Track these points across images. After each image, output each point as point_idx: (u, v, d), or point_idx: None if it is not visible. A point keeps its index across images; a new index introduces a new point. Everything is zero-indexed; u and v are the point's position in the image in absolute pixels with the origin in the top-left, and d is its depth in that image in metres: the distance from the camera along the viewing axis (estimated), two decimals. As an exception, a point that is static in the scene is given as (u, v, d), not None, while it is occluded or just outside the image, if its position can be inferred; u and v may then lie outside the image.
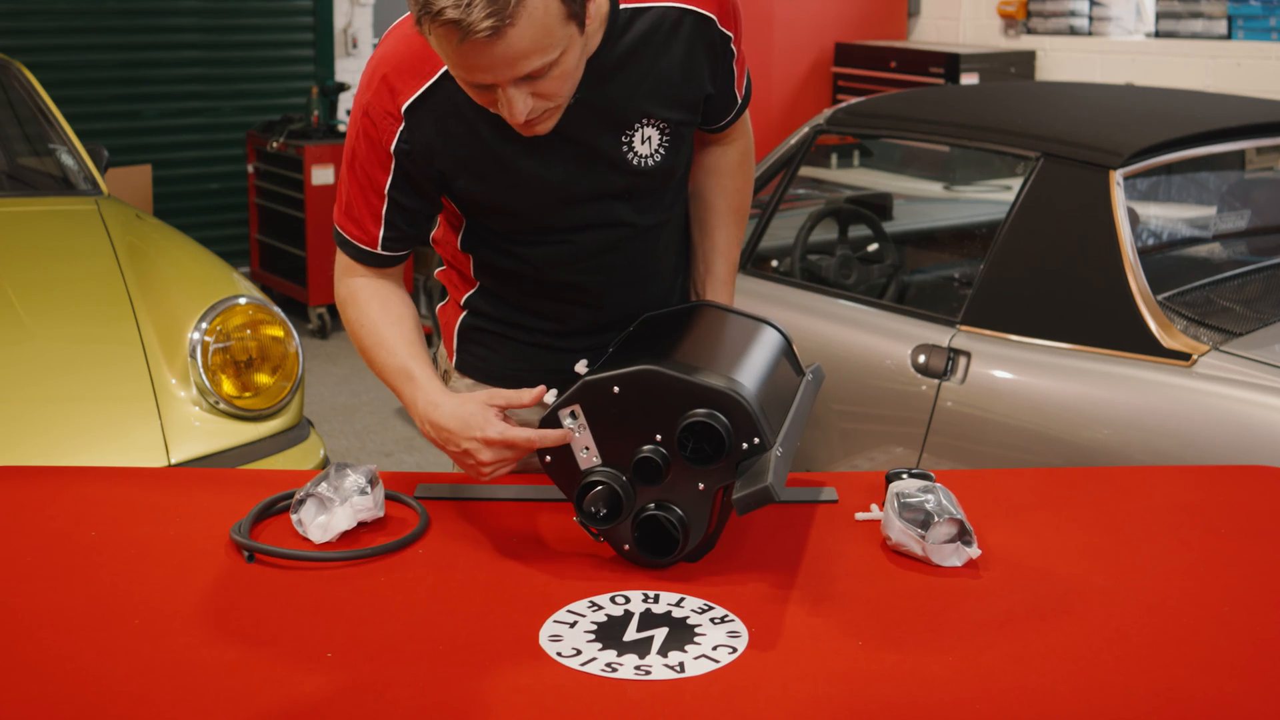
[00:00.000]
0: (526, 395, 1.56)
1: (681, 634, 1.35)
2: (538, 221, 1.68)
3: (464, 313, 1.83)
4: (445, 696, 1.23)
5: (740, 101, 1.82)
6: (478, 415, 1.54)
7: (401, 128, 1.59)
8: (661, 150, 1.68)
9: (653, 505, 1.48)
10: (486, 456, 1.53)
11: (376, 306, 1.72)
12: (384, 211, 1.68)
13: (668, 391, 1.46)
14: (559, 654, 1.31)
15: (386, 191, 1.66)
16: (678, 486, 1.48)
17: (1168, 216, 3.56)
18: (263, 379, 2.92)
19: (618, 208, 1.70)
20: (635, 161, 1.67)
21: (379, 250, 1.72)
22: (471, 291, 1.82)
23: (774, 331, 1.70)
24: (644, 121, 1.65)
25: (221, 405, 2.80)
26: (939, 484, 1.59)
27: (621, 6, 1.60)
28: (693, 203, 1.88)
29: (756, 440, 1.44)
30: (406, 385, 1.62)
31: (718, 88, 1.74)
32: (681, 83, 1.67)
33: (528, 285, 1.77)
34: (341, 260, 1.79)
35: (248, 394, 2.87)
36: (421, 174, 1.63)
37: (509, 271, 1.76)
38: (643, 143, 1.66)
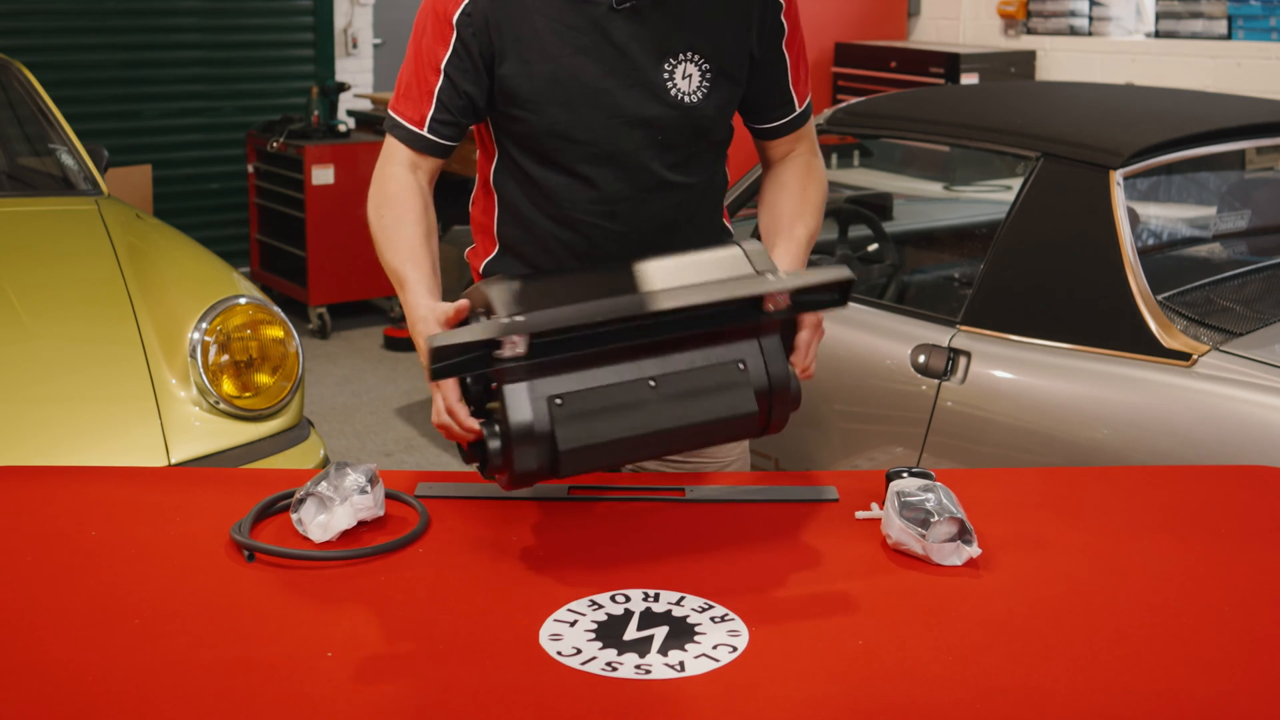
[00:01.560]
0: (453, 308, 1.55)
1: (681, 633, 1.35)
2: (568, 129, 1.72)
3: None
4: (445, 696, 1.23)
5: (798, 109, 1.85)
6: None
7: (467, 0, 1.69)
8: (701, 92, 1.74)
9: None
10: (438, 402, 1.53)
11: (396, 205, 1.72)
12: (437, 89, 1.72)
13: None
14: (559, 653, 1.31)
15: (443, 67, 1.71)
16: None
17: (1168, 216, 3.56)
18: (263, 379, 2.92)
19: (646, 148, 1.74)
20: (674, 93, 1.73)
21: (424, 132, 1.74)
22: (491, 256, 1.88)
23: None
24: (688, 54, 1.72)
25: (221, 405, 2.80)
26: (939, 483, 1.59)
27: None
28: (760, 214, 1.87)
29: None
30: (401, 291, 1.64)
31: (764, 57, 1.78)
32: (728, 26, 1.74)
33: (547, 236, 1.80)
34: (385, 149, 1.79)
35: (248, 394, 2.87)
36: (477, 49, 1.70)
37: (531, 218, 1.80)
38: (684, 78, 1.73)
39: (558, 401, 1.45)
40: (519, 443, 1.45)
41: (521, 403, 1.45)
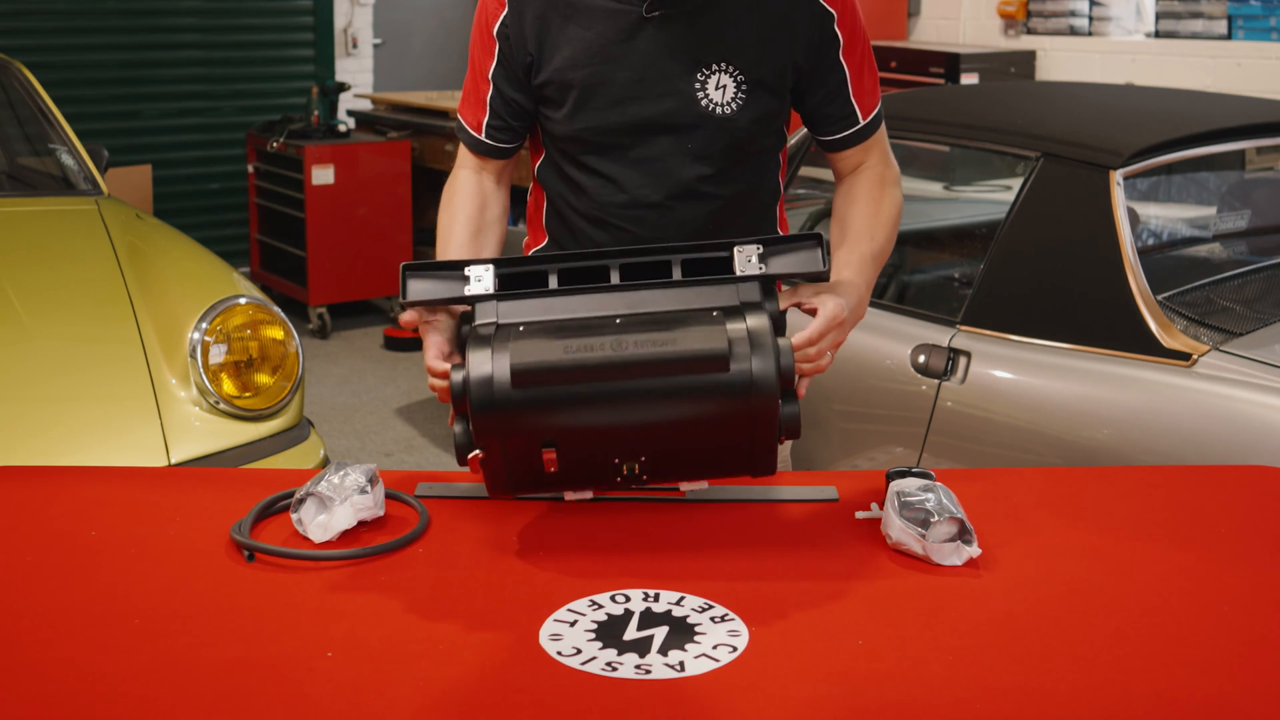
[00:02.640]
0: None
1: (681, 633, 1.35)
2: (595, 134, 1.75)
3: None
4: (445, 696, 1.23)
5: (862, 121, 1.81)
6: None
7: (505, 12, 1.75)
8: (735, 103, 1.73)
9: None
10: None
11: (451, 207, 1.84)
12: (489, 97, 1.81)
13: None
14: (559, 653, 1.31)
15: (490, 77, 1.79)
16: None
17: (1168, 216, 3.56)
18: (263, 379, 2.92)
19: (675, 156, 1.74)
20: (704, 103, 1.72)
21: (482, 137, 1.84)
22: (539, 247, 1.92)
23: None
24: (722, 65, 1.71)
25: (221, 405, 2.80)
26: (939, 483, 1.59)
27: None
28: (831, 227, 1.86)
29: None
30: None
31: (816, 69, 1.76)
32: (768, 38, 1.72)
33: (582, 234, 1.83)
34: (458, 153, 1.92)
35: (248, 394, 2.87)
36: (518, 60, 1.75)
37: (569, 215, 1.83)
38: (717, 89, 1.72)
39: (519, 329, 1.48)
40: (475, 356, 1.43)
41: (486, 326, 1.48)
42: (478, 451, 1.47)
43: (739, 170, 1.79)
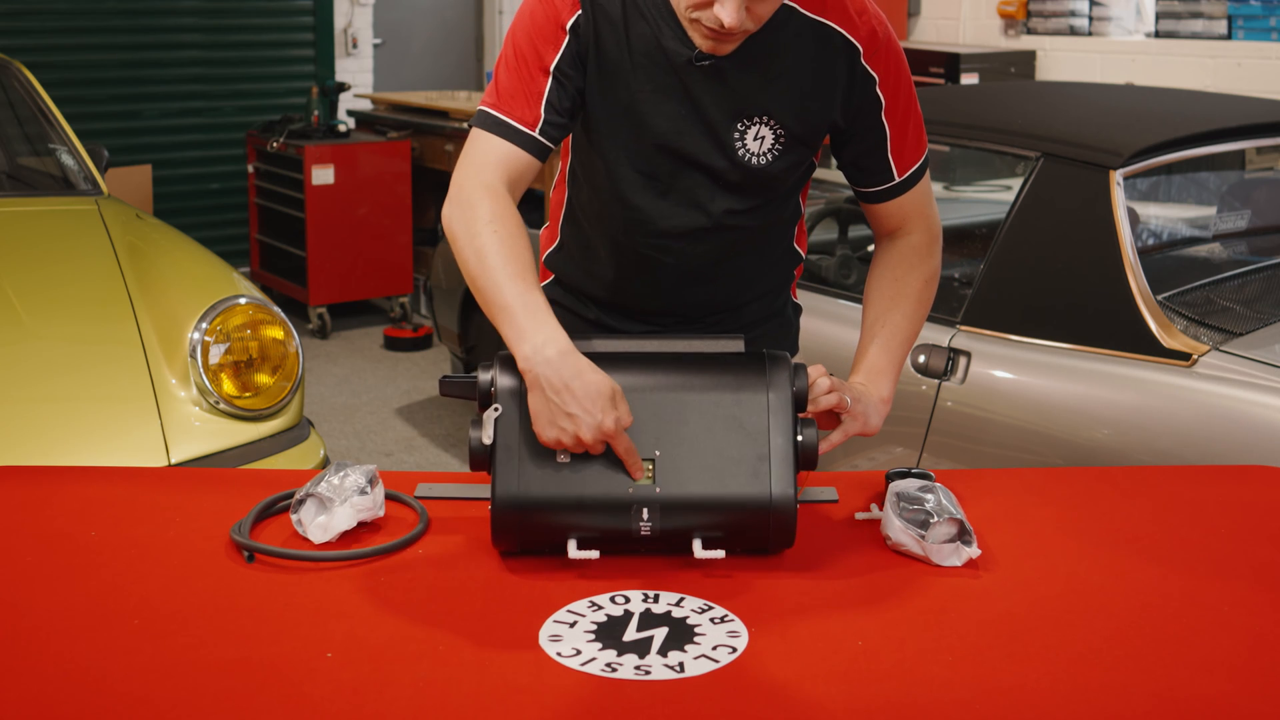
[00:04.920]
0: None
1: (681, 634, 1.35)
2: (630, 159, 1.73)
3: (545, 277, 1.93)
4: (445, 696, 1.23)
5: (896, 179, 1.77)
6: (612, 396, 1.46)
7: (579, 12, 1.65)
8: (771, 154, 1.71)
9: None
10: (588, 436, 1.45)
11: (509, 236, 1.56)
12: (547, 90, 1.65)
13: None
14: (559, 654, 1.31)
15: (553, 69, 1.65)
16: None
17: (1168, 216, 3.56)
18: (263, 379, 2.92)
19: (704, 188, 1.73)
20: (741, 153, 1.70)
21: (536, 134, 1.64)
22: (551, 248, 1.91)
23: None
24: (763, 118, 1.69)
25: (221, 405, 2.80)
26: (939, 484, 1.59)
27: (783, 2, 1.65)
28: (864, 298, 1.86)
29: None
30: (512, 320, 1.49)
31: (855, 129, 1.74)
32: (811, 96, 1.69)
33: (599, 248, 1.82)
34: (476, 154, 1.64)
35: (248, 394, 2.87)
36: (582, 58, 1.67)
37: (589, 226, 1.82)
38: (755, 139, 1.70)
39: None
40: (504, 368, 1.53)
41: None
42: (496, 407, 1.50)
43: (767, 206, 1.79)
